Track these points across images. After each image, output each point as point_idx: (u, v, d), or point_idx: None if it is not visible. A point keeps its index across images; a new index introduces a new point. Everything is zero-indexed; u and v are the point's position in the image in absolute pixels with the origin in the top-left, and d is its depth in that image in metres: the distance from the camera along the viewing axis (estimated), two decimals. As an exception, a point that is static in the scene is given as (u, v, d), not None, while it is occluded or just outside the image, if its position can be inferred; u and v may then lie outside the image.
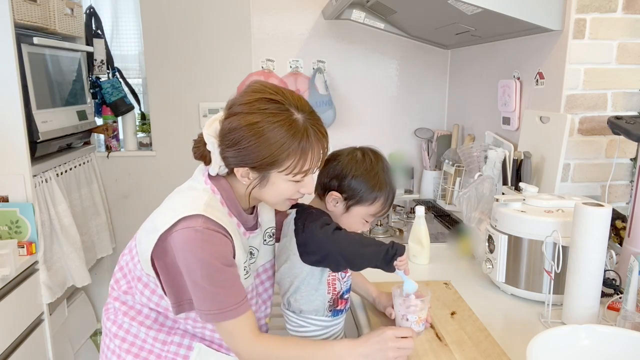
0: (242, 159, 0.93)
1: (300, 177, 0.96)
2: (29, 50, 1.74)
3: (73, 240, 1.92)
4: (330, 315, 1.09)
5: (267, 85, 0.95)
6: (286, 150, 0.91)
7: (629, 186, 1.54)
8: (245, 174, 0.96)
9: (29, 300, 1.66)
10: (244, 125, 0.91)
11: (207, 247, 0.91)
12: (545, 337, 0.90)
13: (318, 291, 1.06)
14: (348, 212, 1.08)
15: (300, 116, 0.93)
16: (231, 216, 1.01)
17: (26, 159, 1.67)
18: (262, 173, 0.95)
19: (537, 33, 1.57)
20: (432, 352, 1.01)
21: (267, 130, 0.90)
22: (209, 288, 0.92)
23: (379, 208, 1.08)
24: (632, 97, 1.49)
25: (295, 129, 0.91)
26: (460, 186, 2.06)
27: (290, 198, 1.01)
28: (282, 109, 0.92)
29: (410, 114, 2.49)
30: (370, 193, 1.06)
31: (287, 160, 0.92)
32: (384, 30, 2.34)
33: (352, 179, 1.05)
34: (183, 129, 2.43)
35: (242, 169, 0.95)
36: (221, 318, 0.94)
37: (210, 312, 0.94)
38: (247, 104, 0.93)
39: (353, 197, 1.06)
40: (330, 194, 1.07)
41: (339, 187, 1.06)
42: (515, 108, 1.74)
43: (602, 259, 1.07)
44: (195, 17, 2.34)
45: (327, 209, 1.09)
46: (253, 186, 0.97)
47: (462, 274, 1.43)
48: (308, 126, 0.93)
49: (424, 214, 1.51)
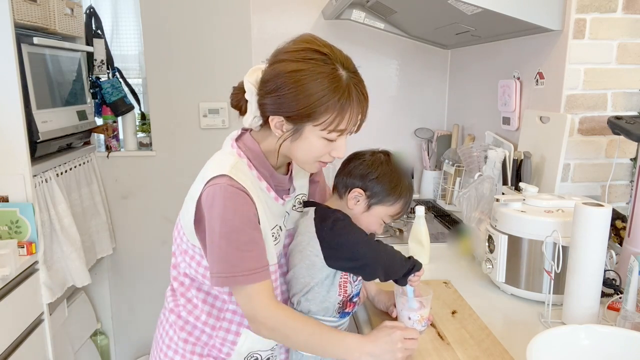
0: (279, 106, 0.92)
1: (334, 136, 0.94)
2: (29, 50, 1.74)
3: (73, 240, 1.92)
4: (337, 317, 1.09)
5: (317, 38, 0.94)
6: (325, 103, 0.89)
7: (629, 186, 1.54)
8: (280, 125, 0.94)
9: (29, 300, 1.66)
10: (287, 71, 0.90)
11: (229, 205, 0.90)
12: (545, 337, 0.90)
13: (329, 293, 1.06)
14: (368, 211, 1.08)
15: (344, 73, 0.91)
16: (260, 180, 1.00)
17: (26, 159, 1.67)
18: (297, 125, 0.93)
19: (537, 33, 1.57)
20: (435, 351, 1.01)
21: (309, 80, 0.89)
22: (224, 247, 0.91)
23: (398, 209, 1.09)
24: (632, 97, 1.49)
25: (337, 84, 0.90)
26: (460, 186, 2.06)
27: (321, 160, 0.99)
28: (327, 61, 0.90)
29: (410, 114, 2.49)
30: (392, 194, 1.07)
31: (324, 114, 0.90)
32: (384, 30, 2.34)
33: (376, 178, 1.06)
34: (183, 129, 2.43)
35: (277, 119, 0.93)
36: (233, 282, 0.92)
37: (220, 275, 0.92)
38: (294, 52, 0.92)
39: (376, 196, 1.07)
40: (353, 191, 1.07)
41: (362, 185, 1.07)
42: (515, 108, 1.75)
43: (602, 259, 1.07)
44: (195, 17, 2.34)
45: (347, 207, 1.09)
46: (285, 138, 0.95)
47: (462, 274, 1.43)
48: (351, 84, 0.91)
49: (424, 214, 1.51)
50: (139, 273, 2.55)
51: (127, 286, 2.56)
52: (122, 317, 2.59)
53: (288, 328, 0.95)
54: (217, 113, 2.42)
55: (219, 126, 2.43)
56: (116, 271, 2.55)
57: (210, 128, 2.43)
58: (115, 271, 2.55)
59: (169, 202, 2.47)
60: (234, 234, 0.91)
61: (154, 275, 2.55)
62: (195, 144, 2.43)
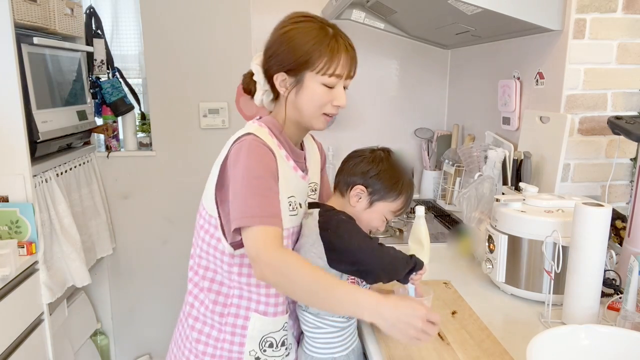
0: (279, 63, 1.03)
1: (333, 81, 1.02)
2: (29, 50, 1.74)
3: (73, 240, 1.92)
4: (345, 317, 1.08)
5: (302, 12, 1.07)
6: (317, 49, 1.00)
7: (629, 186, 1.54)
8: (283, 82, 1.04)
9: (29, 300, 1.66)
10: (281, 33, 1.03)
11: (253, 156, 0.97)
12: (545, 337, 0.90)
13: None
14: (371, 207, 1.10)
15: (330, 29, 1.03)
16: (280, 148, 1.05)
17: (26, 159, 1.67)
18: (297, 76, 1.02)
19: (537, 33, 1.57)
20: (435, 351, 1.01)
21: (298, 34, 1.01)
22: (246, 192, 0.95)
23: (400, 205, 1.11)
24: (632, 97, 1.49)
25: (324, 33, 1.02)
26: (460, 186, 2.06)
27: (325, 111, 1.05)
28: (314, 21, 1.04)
29: (410, 114, 2.49)
30: (394, 189, 1.09)
31: (318, 59, 1.00)
32: (384, 30, 2.34)
33: (377, 174, 1.08)
34: (183, 129, 2.43)
35: (280, 76, 1.03)
36: (249, 222, 0.92)
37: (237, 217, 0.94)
38: (285, 20, 1.06)
39: (377, 192, 1.08)
40: (355, 188, 1.09)
41: (364, 182, 1.09)
42: (515, 108, 1.74)
43: (602, 259, 1.07)
44: (195, 17, 2.34)
45: (350, 204, 1.10)
46: (289, 91, 1.04)
47: (462, 274, 1.43)
48: (337, 35, 1.03)
49: (424, 214, 1.51)
50: (139, 273, 2.55)
51: (127, 286, 2.56)
52: (122, 317, 2.59)
53: (292, 270, 0.90)
54: (217, 113, 2.42)
55: (219, 126, 2.43)
56: (116, 271, 2.55)
57: (210, 128, 2.43)
58: (115, 271, 2.55)
59: (169, 202, 2.47)
60: (255, 180, 0.96)
61: (154, 275, 2.55)
62: (195, 144, 2.43)
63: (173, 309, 2.54)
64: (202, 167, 1.06)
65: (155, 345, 2.62)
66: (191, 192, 2.45)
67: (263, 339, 1.07)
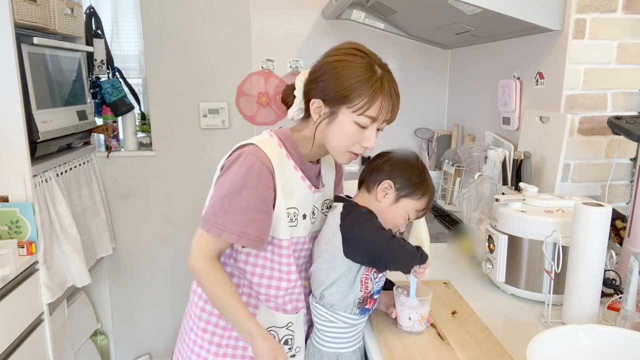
0: (320, 90, 1.02)
1: (366, 122, 1.01)
2: (29, 50, 1.74)
3: (73, 240, 1.92)
4: (357, 313, 1.10)
5: (359, 44, 1.06)
6: (359, 88, 0.98)
7: (629, 186, 1.54)
8: (318, 108, 1.03)
9: (29, 300, 1.66)
10: (330, 62, 1.02)
11: (243, 170, 0.99)
12: (545, 337, 0.90)
13: (352, 288, 1.08)
14: (397, 203, 1.11)
15: (379, 70, 1.01)
16: (289, 158, 1.06)
17: (26, 159, 1.67)
18: (333, 108, 1.01)
19: (537, 33, 1.57)
20: (435, 351, 1.01)
21: (346, 68, 1.00)
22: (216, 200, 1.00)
23: (424, 205, 1.13)
24: (632, 97, 1.49)
25: (371, 74, 1.00)
26: (460, 186, 2.06)
27: (351, 149, 1.05)
28: (366, 58, 1.02)
29: (410, 114, 2.49)
30: (420, 187, 1.11)
31: (357, 97, 0.99)
32: (384, 30, 2.34)
33: (404, 171, 1.11)
34: (183, 129, 2.43)
35: (317, 102, 1.03)
36: (201, 223, 1.00)
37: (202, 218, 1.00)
38: (339, 48, 1.04)
39: (405, 189, 1.10)
40: (382, 183, 1.11)
41: (392, 178, 1.11)
42: (515, 108, 1.74)
43: (602, 259, 1.07)
44: (195, 17, 2.34)
45: (377, 199, 1.11)
46: (322, 120, 1.03)
47: (462, 274, 1.43)
48: (384, 79, 1.01)
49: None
50: (139, 273, 2.55)
51: (127, 286, 2.56)
52: (122, 317, 2.59)
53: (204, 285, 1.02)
54: (217, 113, 2.42)
55: (219, 126, 2.42)
56: (116, 271, 2.55)
57: (210, 128, 2.43)
58: (115, 271, 2.55)
59: (169, 202, 2.47)
60: (230, 197, 0.99)
61: (154, 275, 2.55)
62: (195, 144, 2.43)
63: (173, 309, 2.55)
64: (202, 167, 1.06)
65: (155, 345, 2.62)
66: (191, 192, 2.46)
67: (269, 329, 1.08)
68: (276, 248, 1.06)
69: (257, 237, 1.00)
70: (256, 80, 2.39)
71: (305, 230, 1.10)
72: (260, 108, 2.40)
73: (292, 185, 1.06)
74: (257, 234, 1.00)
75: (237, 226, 0.98)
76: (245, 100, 2.41)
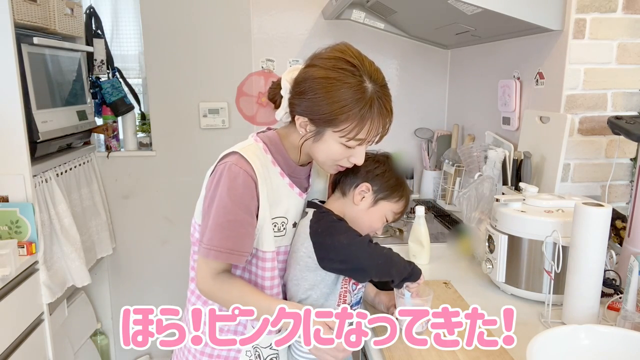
0: (305, 108, 0.97)
1: (353, 144, 0.97)
2: (29, 50, 1.74)
3: (73, 240, 1.92)
4: None
5: (351, 49, 0.99)
6: (347, 112, 0.93)
7: (629, 186, 1.54)
8: (304, 125, 0.99)
9: (29, 300, 1.66)
10: (316, 77, 0.95)
11: (227, 183, 0.96)
12: (545, 337, 0.90)
13: (328, 301, 1.06)
14: (375, 206, 1.10)
15: (370, 86, 0.95)
16: (274, 165, 1.03)
17: (26, 159, 1.67)
18: (319, 128, 0.98)
19: (537, 33, 1.57)
20: (435, 351, 1.01)
21: (335, 88, 0.93)
22: (212, 221, 0.96)
23: (401, 207, 1.12)
24: (632, 97, 1.49)
25: (361, 95, 0.94)
26: (460, 186, 2.06)
27: (339, 163, 1.03)
28: (356, 73, 0.95)
29: (410, 114, 2.49)
30: (397, 190, 1.10)
31: (344, 122, 0.94)
32: (384, 30, 2.34)
33: (382, 173, 1.09)
34: (183, 129, 2.43)
35: (302, 119, 0.98)
36: (204, 254, 0.97)
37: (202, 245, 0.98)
38: (326, 59, 0.97)
39: (382, 191, 1.09)
40: (360, 186, 1.09)
41: (369, 181, 1.09)
42: (515, 108, 1.75)
43: (602, 259, 1.07)
44: (195, 17, 2.34)
45: (353, 202, 1.09)
46: (307, 138, 1.00)
47: (462, 274, 1.43)
48: (375, 98, 0.95)
49: (424, 214, 1.51)
50: (139, 273, 2.55)
51: (127, 286, 2.56)
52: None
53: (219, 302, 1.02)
54: (217, 113, 2.42)
55: (219, 126, 2.42)
56: (116, 271, 2.55)
57: (210, 128, 2.43)
58: (115, 271, 2.55)
59: (169, 202, 2.47)
60: (224, 211, 0.96)
61: (154, 275, 2.55)
62: (195, 144, 2.43)
63: (173, 309, 2.54)
64: (202, 167, 1.05)
65: (155, 345, 2.62)
66: (191, 192, 2.44)
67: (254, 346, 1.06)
68: (260, 261, 1.03)
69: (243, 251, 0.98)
70: (256, 80, 2.39)
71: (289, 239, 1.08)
72: (260, 108, 2.40)
73: (278, 194, 1.03)
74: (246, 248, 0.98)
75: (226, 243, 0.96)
76: (245, 100, 2.41)
